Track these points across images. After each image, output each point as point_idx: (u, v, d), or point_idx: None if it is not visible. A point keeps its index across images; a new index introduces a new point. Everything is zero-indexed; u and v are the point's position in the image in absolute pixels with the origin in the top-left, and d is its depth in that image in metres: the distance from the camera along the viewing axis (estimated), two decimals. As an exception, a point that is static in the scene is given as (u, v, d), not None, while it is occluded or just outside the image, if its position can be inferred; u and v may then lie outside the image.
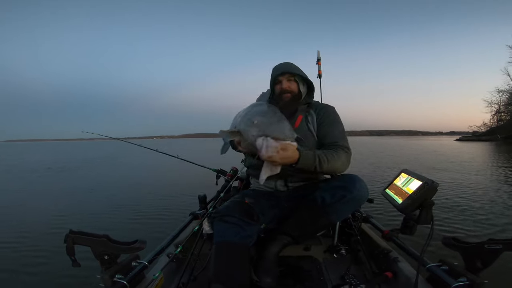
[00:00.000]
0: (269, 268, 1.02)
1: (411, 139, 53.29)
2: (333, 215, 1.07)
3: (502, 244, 0.77)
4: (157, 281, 0.94)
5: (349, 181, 1.06)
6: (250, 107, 1.10)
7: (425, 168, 7.13)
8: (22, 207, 4.09)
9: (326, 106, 1.29)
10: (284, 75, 1.22)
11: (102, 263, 0.84)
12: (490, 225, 2.69)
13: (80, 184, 6.24)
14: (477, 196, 3.93)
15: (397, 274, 1.02)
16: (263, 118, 0.91)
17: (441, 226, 2.65)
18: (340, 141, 1.14)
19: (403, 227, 1.09)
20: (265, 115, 0.94)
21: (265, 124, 0.89)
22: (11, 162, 13.09)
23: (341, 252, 1.26)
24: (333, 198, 1.04)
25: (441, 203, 3.44)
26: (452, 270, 0.83)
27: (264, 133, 0.87)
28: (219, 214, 1.05)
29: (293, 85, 1.22)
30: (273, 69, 1.27)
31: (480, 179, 5.36)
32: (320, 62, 2.01)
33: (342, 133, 1.19)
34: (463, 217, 2.92)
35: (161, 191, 5.00)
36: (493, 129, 36.41)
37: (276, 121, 0.90)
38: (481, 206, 3.35)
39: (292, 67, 1.23)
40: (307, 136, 1.17)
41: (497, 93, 37.99)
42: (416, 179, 1.04)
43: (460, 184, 4.81)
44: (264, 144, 0.84)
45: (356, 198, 1.05)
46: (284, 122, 0.91)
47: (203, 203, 1.64)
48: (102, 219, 3.38)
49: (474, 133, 40.55)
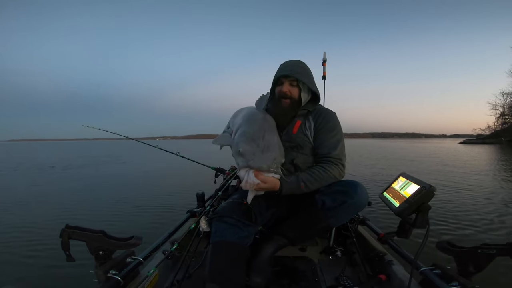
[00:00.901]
0: (261, 269, 1.02)
1: (414, 142, 52.89)
2: (332, 219, 1.06)
3: (495, 249, 0.77)
4: (152, 278, 0.95)
5: (350, 186, 1.04)
6: (245, 120, 1.09)
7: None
8: (21, 204, 4.14)
9: (326, 112, 1.19)
10: (287, 78, 1.12)
11: (97, 259, 0.85)
12: (487, 230, 2.68)
13: (82, 181, 6.30)
14: (477, 201, 3.90)
15: (391, 277, 1.02)
16: (248, 147, 0.93)
17: (437, 228, 2.64)
18: (333, 152, 1.10)
19: (399, 231, 1.09)
20: (251, 142, 0.94)
21: (249, 154, 0.91)
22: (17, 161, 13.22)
23: (336, 253, 1.26)
24: (333, 203, 1.02)
25: (442, 206, 3.43)
26: (444, 274, 0.83)
27: (247, 165, 0.90)
28: (217, 215, 1.05)
29: (294, 91, 1.13)
30: (279, 67, 1.17)
31: (485, 183, 5.31)
32: (325, 63, 1.99)
33: (337, 143, 1.13)
34: (459, 221, 2.91)
35: (160, 188, 5.03)
36: (498, 132, 35.85)
37: (260, 152, 0.92)
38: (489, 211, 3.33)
39: (299, 71, 1.12)
40: (304, 143, 1.14)
41: (501, 95, 37.64)
42: (414, 183, 1.04)
43: (459, 188, 4.78)
44: (245, 178, 0.90)
45: (356, 204, 1.03)
46: (268, 151, 0.93)
47: (201, 201, 1.64)
48: (100, 214, 3.41)
49: (478, 136, 39.95)
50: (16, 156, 16.33)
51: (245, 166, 0.91)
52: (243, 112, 1.20)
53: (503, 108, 37.60)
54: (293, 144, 1.14)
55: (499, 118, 37.93)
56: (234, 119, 1.24)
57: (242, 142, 0.95)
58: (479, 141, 34.60)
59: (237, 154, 0.95)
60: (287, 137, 1.16)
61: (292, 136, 1.15)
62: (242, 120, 1.10)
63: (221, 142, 1.11)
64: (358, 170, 6.99)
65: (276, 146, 0.97)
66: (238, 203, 1.10)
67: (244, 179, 0.90)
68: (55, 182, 6.34)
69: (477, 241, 2.37)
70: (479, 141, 35.07)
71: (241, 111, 1.26)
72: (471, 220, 2.94)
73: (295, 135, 1.15)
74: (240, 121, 1.10)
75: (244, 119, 1.10)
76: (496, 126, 38.07)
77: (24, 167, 9.99)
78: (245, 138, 0.97)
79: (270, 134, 1.00)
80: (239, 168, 0.93)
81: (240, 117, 1.16)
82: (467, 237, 2.48)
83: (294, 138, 1.14)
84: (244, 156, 0.92)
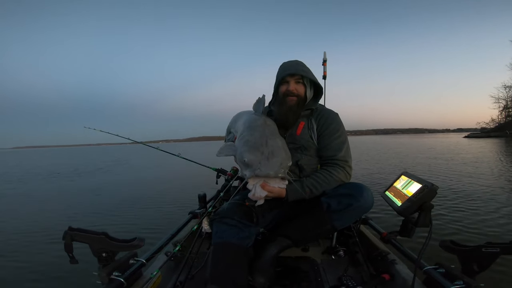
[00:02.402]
0: (264, 269, 1.02)
1: (418, 137, 52.37)
2: (337, 222, 1.06)
3: (499, 248, 0.76)
4: (155, 279, 0.95)
5: (356, 189, 1.04)
6: (246, 127, 1.09)
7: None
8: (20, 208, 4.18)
9: (328, 113, 1.21)
10: (293, 76, 1.14)
11: (100, 260, 0.85)
12: (491, 227, 2.65)
13: (87, 184, 6.34)
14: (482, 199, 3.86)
15: (394, 276, 1.01)
16: (253, 156, 0.94)
17: (440, 227, 2.62)
18: (338, 154, 1.11)
19: (401, 230, 1.08)
20: (255, 151, 0.95)
21: (255, 163, 0.92)
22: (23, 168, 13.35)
23: (339, 253, 1.26)
24: (339, 205, 1.02)
25: (445, 204, 3.40)
26: (448, 273, 0.82)
27: (254, 175, 0.92)
28: (219, 216, 1.05)
29: (300, 88, 1.16)
30: (281, 67, 1.19)
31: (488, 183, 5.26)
32: (326, 63, 1.99)
33: (342, 144, 1.14)
34: (462, 219, 2.88)
35: (161, 190, 5.05)
36: (502, 125, 35.30)
37: (266, 159, 0.93)
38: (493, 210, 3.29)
39: (303, 69, 1.15)
40: (309, 144, 1.16)
41: (503, 88, 37.01)
42: (416, 181, 1.03)
43: (462, 185, 4.74)
44: (252, 191, 0.93)
45: (362, 207, 1.03)
46: (274, 157, 0.94)
47: (202, 202, 1.64)
48: (103, 217, 3.44)
49: (482, 130, 39.29)
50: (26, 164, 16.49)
51: (252, 175, 0.92)
52: (243, 118, 1.20)
53: (506, 101, 37.08)
54: (297, 146, 1.16)
55: (502, 111, 37.42)
56: (234, 124, 1.24)
57: (246, 152, 0.96)
58: (484, 135, 34.04)
59: (243, 164, 0.96)
60: (291, 138, 1.17)
61: (296, 138, 1.16)
62: (243, 127, 1.10)
63: (225, 153, 1.11)
64: (358, 170, 6.99)
65: (280, 150, 0.98)
66: (239, 204, 1.11)
67: (252, 192, 0.93)
68: (59, 186, 6.41)
69: (481, 239, 2.35)
70: (483, 134, 34.51)
71: (240, 116, 1.26)
72: (474, 218, 2.91)
73: (299, 136, 1.16)
74: (241, 128, 1.11)
75: (245, 126, 1.10)
76: (500, 119, 37.53)
77: (33, 173, 10.10)
78: (248, 147, 0.97)
79: (273, 139, 1.01)
80: (246, 179, 0.94)
81: (240, 123, 1.17)
82: (471, 236, 2.46)
83: (298, 139, 1.16)
84: (250, 166, 0.93)
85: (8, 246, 2.54)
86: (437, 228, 2.57)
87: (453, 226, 2.69)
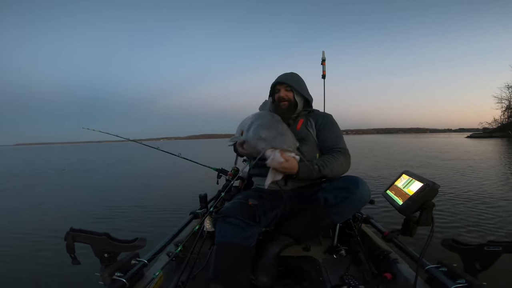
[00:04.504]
0: (267, 268, 1.03)
1: (420, 137, 52.15)
2: (336, 216, 1.09)
3: (502, 246, 0.76)
4: (157, 280, 0.95)
5: (351, 182, 1.07)
6: (256, 118, 1.19)
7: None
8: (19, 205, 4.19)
9: (324, 114, 1.38)
10: (282, 85, 1.31)
11: (102, 261, 0.86)
12: (493, 226, 2.64)
13: (89, 183, 6.37)
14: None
15: (396, 275, 1.01)
16: (269, 133, 1.04)
17: (442, 225, 2.61)
18: (338, 144, 1.25)
19: (403, 229, 1.08)
20: (270, 129, 1.06)
21: (271, 138, 1.02)
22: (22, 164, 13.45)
23: (340, 252, 1.26)
24: (335, 199, 1.05)
25: (447, 203, 3.39)
26: (451, 271, 0.82)
27: (271, 146, 0.99)
28: (221, 215, 1.06)
29: (289, 94, 1.31)
30: (276, 78, 1.36)
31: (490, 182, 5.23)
32: (324, 62, 2.00)
33: (340, 137, 1.29)
34: (464, 218, 2.87)
35: (162, 190, 5.06)
36: (505, 126, 35.18)
37: (280, 135, 1.03)
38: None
39: (291, 79, 1.31)
40: (308, 137, 1.27)
41: (506, 88, 36.92)
42: (417, 180, 1.03)
43: (464, 183, 4.72)
44: (271, 157, 0.97)
45: (358, 199, 1.06)
46: (286, 135, 1.04)
47: (203, 202, 1.65)
48: (104, 217, 3.44)
49: (484, 130, 39.21)
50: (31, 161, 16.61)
51: (270, 147, 0.99)
52: (251, 115, 1.30)
53: (509, 101, 36.94)
54: (298, 138, 1.20)
55: (505, 111, 37.29)
56: (242, 123, 1.28)
57: (262, 130, 1.06)
58: (486, 135, 33.98)
59: (259, 139, 1.04)
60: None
61: (296, 132, 1.25)
62: (253, 118, 1.19)
63: (237, 139, 1.21)
64: (358, 170, 6.98)
65: (290, 131, 1.09)
66: (242, 203, 1.12)
67: (271, 157, 0.97)
68: (63, 184, 6.43)
69: (483, 237, 2.34)
70: (486, 135, 34.42)
71: (248, 116, 1.33)
72: (476, 217, 2.90)
73: (299, 130, 1.27)
74: (251, 120, 1.19)
75: (255, 117, 1.21)
76: (503, 119, 37.42)
77: (39, 170, 10.16)
78: (262, 127, 1.07)
79: (282, 123, 1.14)
80: (264, 150, 1.00)
81: (249, 118, 1.26)
82: (473, 234, 2.45)
83: (299, 133, 1.25)
84: (266, 140, 1.01)
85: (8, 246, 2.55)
86: (439, 226, 2.56)
87: (455, 224, 2.69)
